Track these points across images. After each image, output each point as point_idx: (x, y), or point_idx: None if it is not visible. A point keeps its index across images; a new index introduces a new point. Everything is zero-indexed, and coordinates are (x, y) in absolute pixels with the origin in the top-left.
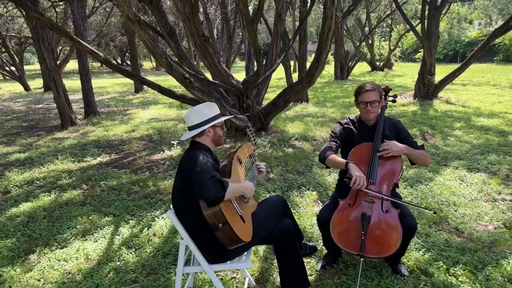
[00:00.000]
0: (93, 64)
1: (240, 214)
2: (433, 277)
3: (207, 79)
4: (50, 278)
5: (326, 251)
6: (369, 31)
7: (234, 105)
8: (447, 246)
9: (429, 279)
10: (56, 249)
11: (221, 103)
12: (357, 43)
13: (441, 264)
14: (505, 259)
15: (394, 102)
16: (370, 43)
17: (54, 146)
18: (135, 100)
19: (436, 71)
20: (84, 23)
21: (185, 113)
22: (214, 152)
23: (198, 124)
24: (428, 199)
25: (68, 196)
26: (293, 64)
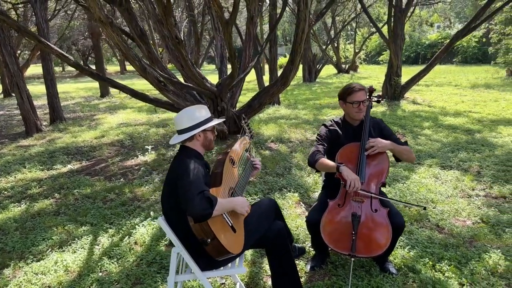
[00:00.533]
0: (54, 68)
1: (230, 225)
2: (420, 273)
3: (181, 82)
4: None
5: (314, 252)
6: (334, 35)
7: (208, 108)
8: (430, 242)
9: (417, 276)
10: (32, 262)
11: None
12: (323, 46)
13: (427, 260)
14: (486, 253)
15: (378, 102)
16: (336, 46)
17: (20, 154)
18: (102, 104)
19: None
20: (48, 26)
21: (176, 116)
22: (204, 155)
23: (188, 128)
24: (407, 197)
25: (40, 206)
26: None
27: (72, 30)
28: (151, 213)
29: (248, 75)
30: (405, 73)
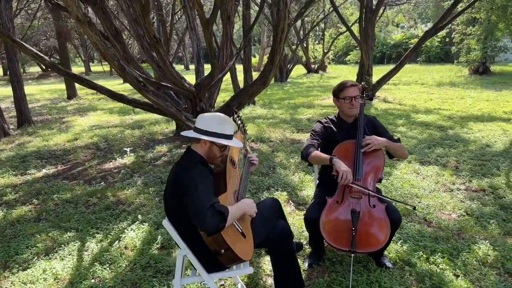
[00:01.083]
0: None
1: (240, 231)
2: (416, 267)
3: (159, 82)
4: None
5: (311, 250)
6: (304, 35)
7: (186, 108)
8: (421, 236)
9: (413, 269)
10: (18, 271)
11: (176, 107)
12: (293, 47)
13: (421, 254)
14: (475, 244)
15: (371, 100)
16: (305, 47)
17: None
18: (70, 107)
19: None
20: (13, 25)
21: (204, 114)
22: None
23: (201, 130)
24: (392, 193)
25: (18, 212)
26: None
27: (35, 30)
28: (139, 216)
29: None
30: (373, 72)
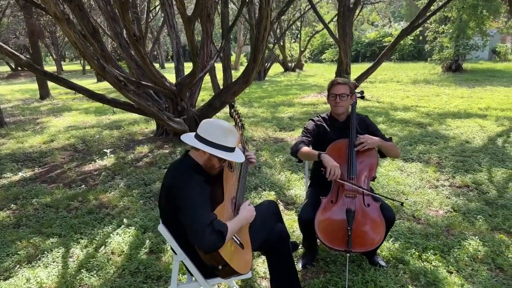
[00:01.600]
0: None
1: (239, 243)
2: (409, 264)
3: (139, 81)
4: None
5: (304, 250)
6: (281, 34)
7: (167, 108)
8: (412, 233)
9: (406, 267)
10: None
11: (157, 107)
12: (270, 45)
13: (413, 251)
14: (465, 241)
15: (362, 98)
16: (282, 45)
17: None
18: (43, 107)
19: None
20: None
21: (208, 120)
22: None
23: (202, 138)
24: (379, 190)
25: None
26: None
27: (4, 28)
28: (124, 220)
29: None
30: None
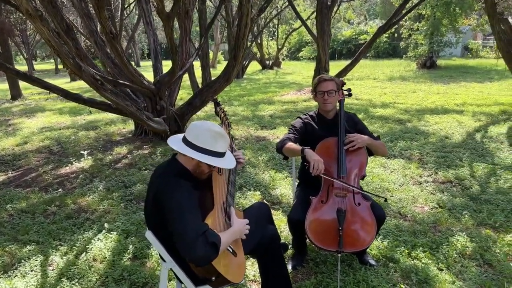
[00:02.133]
0: None
1: (231, 251)
2: (399, 262)
3: (116, 80)
4: None
5: (293, 251)
6: (258, 31)
7: (146, 107)
8: (399, 230)
9: (397, 265)
10: None
11: (136, 106)
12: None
13: (402, 249)
14: (452, 237)
15: (350, 96)
16: (259, 43)
17: None
18: (15, 108)
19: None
20: None
21: (196, 123)
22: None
23: (190, 143)
24: (364, 187)
25: None
26: None
27: None
28: (105, 225)
29: None
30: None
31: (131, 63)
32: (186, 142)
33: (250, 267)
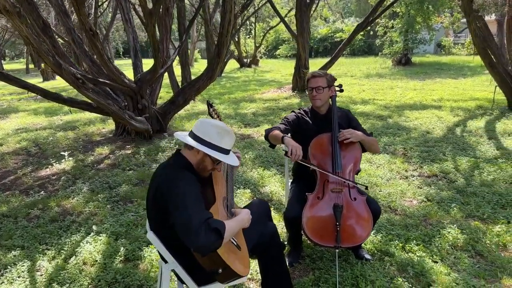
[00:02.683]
0: None
1: (236, 244)
2: (395, 256)
3: (96, 79)
4: None
5: (289, 248)
6: (236, 29)
7: (126, 106)
8: (391, 224)
9: (393, 259)
10: None
11: (118, 105)
12: None
13: (396, 243)
14: (443, 229)
15: (341, 91)
16: (237, 41)
17: None
18: None
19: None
20: None
21: (203, 119)
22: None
23: (197, 137)
24: None
25: None
26: None
27: None
28: (93, 227)
29: None
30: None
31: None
32: (193, 136)
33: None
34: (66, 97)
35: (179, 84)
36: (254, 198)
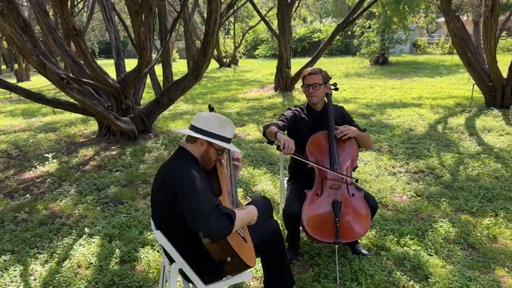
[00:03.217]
0: None
1: (242, 236)
2: (391, 250)
3: (80, 79)
4: None
5: (289, 245)
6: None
7: (110, 106)
8: (385, 220)
9: (389, 254)
10: None
11: (103, 106)
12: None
13: (391, 237)
14: (435, 223)
15: (336, 90)
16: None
17: None
18: None
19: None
20: None
21: (202, 113)
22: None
23: (200, 129)
24: None
25: None
26: None
27: None
28: (86, 229)
29: None
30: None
31: (96, 61)
32: (195, 129)
33: None
34: (50, 97)
35: (160, 84)
36: (260, 196)
